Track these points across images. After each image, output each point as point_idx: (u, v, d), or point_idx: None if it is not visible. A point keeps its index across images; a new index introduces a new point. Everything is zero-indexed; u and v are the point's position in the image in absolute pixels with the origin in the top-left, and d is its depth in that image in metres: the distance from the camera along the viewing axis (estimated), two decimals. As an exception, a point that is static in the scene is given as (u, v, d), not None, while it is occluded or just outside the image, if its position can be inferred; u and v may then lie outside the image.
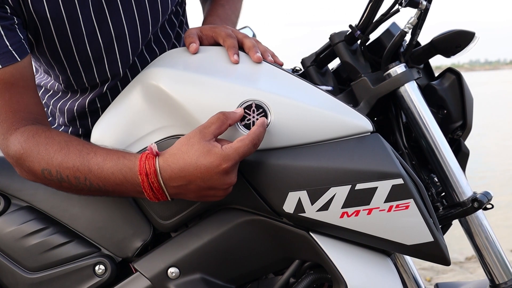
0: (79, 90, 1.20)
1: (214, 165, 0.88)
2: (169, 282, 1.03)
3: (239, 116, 0.93)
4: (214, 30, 1.10)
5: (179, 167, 0.89)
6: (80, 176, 0.96)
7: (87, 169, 0.95)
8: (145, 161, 0.91)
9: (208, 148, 0.89)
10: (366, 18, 1.07)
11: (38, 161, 0.98)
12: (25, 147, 0.99)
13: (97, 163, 0.95)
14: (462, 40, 1.06)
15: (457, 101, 1.12)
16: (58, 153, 0.97)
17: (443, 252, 0.95)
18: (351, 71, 1.09)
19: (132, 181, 0.92)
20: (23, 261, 1.11)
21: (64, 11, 1.05)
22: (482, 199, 1.04)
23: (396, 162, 0.93)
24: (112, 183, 0.94)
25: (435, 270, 3.29)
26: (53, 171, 0.97)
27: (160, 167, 0.90)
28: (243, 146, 0.89)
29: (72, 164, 0.96)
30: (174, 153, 0.90)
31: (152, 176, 0.90)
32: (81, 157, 0.96)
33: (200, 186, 0.90)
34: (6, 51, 0.99)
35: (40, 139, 0.99)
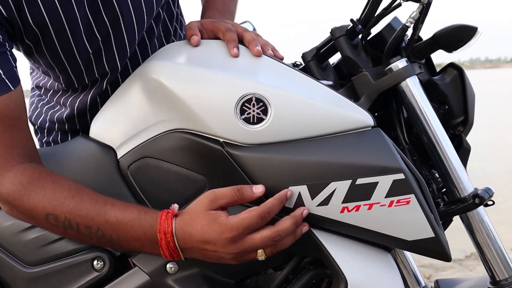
0: (79, 88, 1.19)
1: (218, 234, 0.90)
2: (168, 277, 1.02)
3: (256, 196, 0.92)
4: (214, 24, 1.10)
5: (189, 232, 0.92)
6: (93, 226, 0.96)
7: (103, 220, 0.95)
8: (165, 220, 0.93)
9: (214, 217, 0.91)
10: (368, 12, 1.06)
11: (43, 205, 0.96)
12: (27, 188, 0.97)
13: (115, 215, 0.95)
14: (464, 35, 1.05)
15: (458, 96, 1.11)
16: (70, 200, 0.96)
17: (444, 248, 0.95)
18: (352, 66, 1.09)
19: (151, 238, 0.93)
20: (21, 256, 1.10)
21: (63, 13, 1.04)
22: (483, 195, 1.03)
23: (397, 156, 0.92)
24: (128, 237, 0.95)
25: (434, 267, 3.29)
26: (60, 217, 0.96)
27: (175, 228, 0.92)
28: (249, 217, 0.90)
29: (86, 213, 0.95)
30: (186, 217, 0.93)
31: (169, 236, 0.92)
32: (97, 207, 0.96)
33: (208, 251, 0.92)
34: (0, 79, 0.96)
35: (46, 183, 0.98)
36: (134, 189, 1.04)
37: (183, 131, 0.99)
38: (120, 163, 1.06)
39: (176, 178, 1.01)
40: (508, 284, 1.04)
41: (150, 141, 1.03)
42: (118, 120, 1.09)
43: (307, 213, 0.92)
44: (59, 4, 1.03)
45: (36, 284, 1.09)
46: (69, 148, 1.15)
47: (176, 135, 1.00)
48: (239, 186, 0.93)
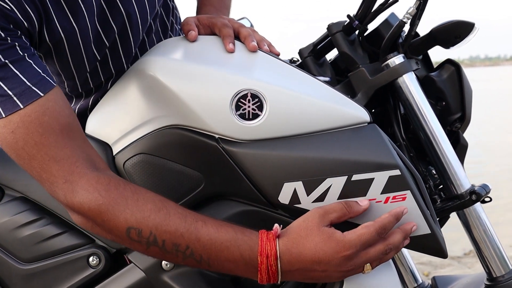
0: (83, 93, 1.18)
1: (334, 252, 0.86)
2: (163, 273, 1.02)
3: (363, 209, 0.89)
4: (210, 20, 1.09)
5: (298, 252, 0.87)
6: (182, 244, 0.88)
7: (194, 238, 0.87)
8: (267, 242, 0.87)
9: (329, 234, 0.87)
10: (364, 8, 1.06)
11: (124, 218, 0.87)
12: (106, 197, 0.88)
13: (209, 233, 0.88)
14: (461, 30, 1.04)
15: (456, 93, 1.11)
16: (156, 213, 0.88)
17: (440, 244, 0.94)
18: (349, 62, 1.08)
19: (249, 261, 0.87)
20: (17, 252, 1.10)
21: (76, 26, 1.01)
22: (480, 192, 1.03)
23: (393, 153, 0.92)
24: (221, 258, 0.88)
25: (433, 265, 3.29)
26: (144, 232, 0.87)
27: (280, 250, 0.87)
28: (367, 233, 0.87)
29: (175, 229, 0.87)
30: (294, 237, 0.88)
31: (272, 259, 0.86)
32: (187, 223, 0.88)
33: (317, 271, 0.88)
34: (41, 78, 0.89)
35: (126, 193, 0.89)
36: (130, 185, 1.04)
37: (178, 127, 0.99)
38: (116, 159, 1.06)
39: (171, 174, 1.01)
40: (505, 280, 1.04)
41: (145, 137, 1.02)
42: (114, 116, 1.08)
43: (416, 229, 0.91)
44: (73, 18, 0.99)
45: (31, 280, 1.09)
46: (65, 144, 1.15)
47: (172, 131, 1.00)
48: (346, 201, 0.90)
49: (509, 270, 1.05)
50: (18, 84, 0.87)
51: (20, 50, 0.88)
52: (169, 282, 1.02)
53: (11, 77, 0.87)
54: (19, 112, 0.87)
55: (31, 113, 0.87)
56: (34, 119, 0.88)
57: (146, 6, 1.12)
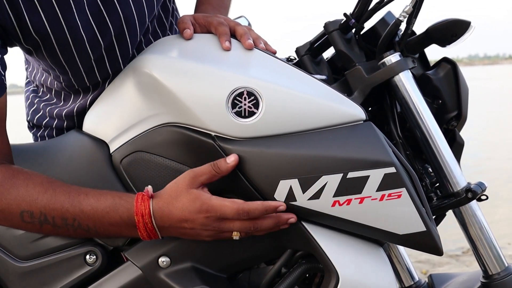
0: (80, 90, 1.18)
1: (197, 211, 0.93)
2: (160, 271, 1.02)
3: (231, 167, 0.93)
4: (206, 18, 1.10)
5: (168, 211, 0.94)
6: (69, 217, 0.96)
7: (78, 210, 0.96)
8: (141, 202, 0.95)
9: (196, 195, 0.93)
10: (361, 6, 1.06)
11: (17, 203, 0.96)
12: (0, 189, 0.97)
13: (90, 203, 0.96)
14: (458, 29, 1.05)
15: (452, 91, 1.11)
16: (43, 194, 0.96)
17: (435, 241, 0.95)
18: (346, 60, 1.08)
19: (128, 221, 0.95)
20: (14, 250, 1.10)
21: (64, 22, 1.03)
22: (476, 190, 1.03)
23: (389, 150, 0.92)
24: (105, 223, 0.96)
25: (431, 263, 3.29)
26: (35, 213, 0.96)
27: (153, 209, 0.94)
28: (228, 207, 0.93)
29: (61, 205, 0.96)
30: (165, 197, 0.95)
31: (147, 217, 0.94)
32: (71, 198, 0.96)
33: (186, 228, 0.95)
34: None
35: (17, 181, 0.97)
36: (127, 183, 1.04)
37: (175, 125, 0.99)
38: (112, 157, 1.06)
39: (168, 172, 1.01)
40: (501, 278, 1.05)
41: (142, 135, 1.03)
42: (110, 114, 1.09)
43: (293, 221, 0.94)
44: (60, 12, 1.02)
45: (29, 278, 1.09)
46: (62, 142, 1.15)
47: (168, 129, 1.00)
48: (214, 161, 0.94)
49: (505, 267, 1.05)
50: None
51: None
52: (165, 280, 1.02)
53: None
54: None
55: None
56: None
57: (144, 8, 1.12)
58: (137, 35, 1.14)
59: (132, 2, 1.10)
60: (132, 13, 1.10)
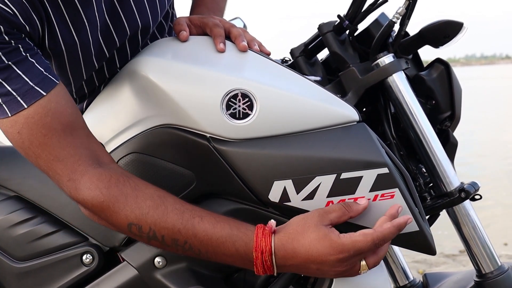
0: (77, 99, 1.19)
1: (327, 253, 0.87)
2: (156, 271, 1.03)
3: (362, 208, 0.90)
4: (201, 20, 1.10)
5: (292, 248, 0.88)
6: (180, 239, 0.91)
7: (191, 234, 0.90)
8: (262, 238, 0.89)
9: (325, 233, 0.88)
10: (355, 8, 1.07)
11: (125, 214, 0.91)
12: (107, 195, 0.91)
13: (205, 229, 0.90)
14: (450, 30, 1.06)
15: (445, 91, 1.12)
16: (154, 210, 0.91)
17: (428, 241, 0.95)
18: (340, 61, 1.09)
19: (245, 256, 0.90)
20: (11, 251, 1.11)
21: (77, 39, 1.01)
22: (469, 189, 1.04)
23: (382, 151, 0.93)
24: (219, 252, 0.91)
25: (428, 263, 3.30)
26: (144, 228, 0.91)
27: (275, 246, 0.89)
28: (363, 242, 0.87)
29: (172, 225, 0.90)
30: (290, 232, 0.89)
31: (267, 255, 0.88)
32: (184, 220, 0.91)
33: (311, 268, 0.89)
34: (44, 77, 0.91)
35: (126, 189, 0.92)
36: (123, 184, 1.05)
37: (170, 127, 1.00)
38: (109, 158, 1.06)
39: (164, 173, 1.02)
40: (494, 276, 1.06)
41: (138, 137, 1.04)
42: (106, 116, 1.09)
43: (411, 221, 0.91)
44: (75, 31, 1.00)
45: (25, 279, 1.10)
46: (58, 144, 1.15)
47: (164, 131, 1.01)
48: (346, 202, 0.91)
49: (498, 266, 1.06)
50: (21, 84, 0.89)
51: (23, 51, 0.91)
52: (161, 280, 1.02)
53: (15, 78, 0.89)
54: (23, 113, 0.90)
55: (34, 115, 0.90)
56: (37, 120, 0.90)
57: (149, 19, 1.12)
58: (139, 46, 1.14)
59: (138, 14, 1.09)
60: (137, 25, 1.10)
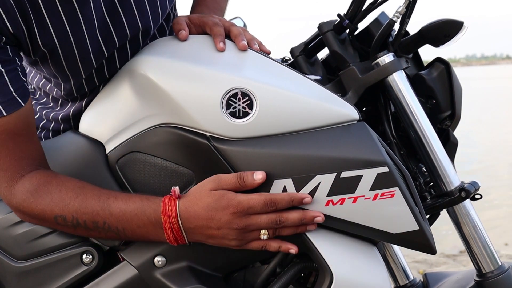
0: (78, 96, 1.19)
1: (223, 207, 0.93)
2: (156, 270, 1.03)
3: (257, 184, 0.93)
4: (201, 19, 1.10)
5: (193, 211, 0.95)
6: (99, 220, 0.99)
7: (107, 213, 0.98)
8: (168, 203, 0.96)
9: (221, 194, 0.94)
10: (355, 7, 1.07)
11: (50, 209, 1.00)
12: (35, 195, 1.01)
13: (119, 206, 0.98)
14: (450, 29, 1.05)
15: (445, 91, 1.12)
16: (74, 199, 1.00)
17: (428, 240, 0.95)
18: (340, 61, 1.09)
19: (155, 222, 0.96)
20: (11, 250, 1.10)
21: (72, 36, 1.03)
22: (470, 189, 1.04)
23: (382, 150, 0.93)
24: (133, 225, 0.98)
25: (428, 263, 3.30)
26: (68, 218, 1.00)
27: (180, 209, 0.95)
28: (256, 199, 0.93)
29: (91, 209, 0.99)
30: (190, 198, 0.96)
31: (173, 217, 0.95)
32: (101, 202, 0.99)
33: (212, 228, 0.95)
34: (11, 98, 0.98)
35: (51, 187, 1.01)
36: (122, 183, 1.05)
37: (170, 126, 1.00)
38: (108, 157, 1.07)
39: (163, 172, 1.02)
40: (494, 276, 1.05)
41: (138, 136, 1.03)
42: (106, 115, 1.09)
43: (320, 220, 0.94)
44: (69, 27, 1.02)
45: (25, 278, 1.10)
46: (58, 143, 1.16)
47: (164, 130, 1.01)
48: (241, 173, 0.94)
49: (498, 266, 1.06)
50: None
51: (0, 63, 0.95)
52: (161, 279, 1.02)
53: None
54: None
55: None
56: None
57: (150, 20, 1.12)
58: (139, 45, 1.14)
59: (138, 15, 1.09)
60: (137, 25, 1.10)
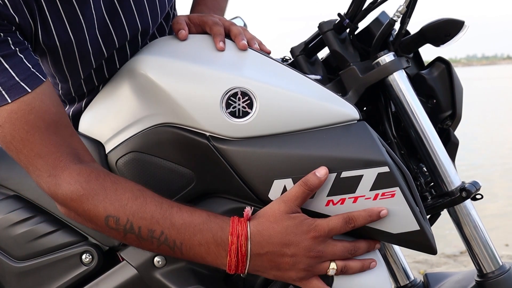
0: (76, 98, 1.18)
1: (304, 232, 0.90)
2: (155, 270, 1.02)
3: (323, 180, 0.90)
4: (201, 18, 1.10)
5: (268, 234, 0.90)
6: (156, 230, 0.91)
7: (168, 223, 0.91)
8: (238, 223, 0.90)
9: (300, 219, 0.91)
10: (355, 6, 1.06)
11: (104, 207, 0.91)
12: (87, 188, 0.91)
13: (183, 217, 0.91)
14: (451, 28, 1.05)
15: (446, 90, 1.12)
16: (133, 201, 0.91)
17: (429, 240, 0.95)
18: (340, 60, 1.09)
19: (220, 242, 0.90)
20: (10, 250, 1.10)
21: (73, 36, 1.01)
22: (470, 189, 1.04)
23: (382, 150, 0.92)
24: (195, 241, 0.91)
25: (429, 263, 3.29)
26: (122, 220, 0.91)
27: (251, 231, 0.90)
28: (335, 219, 0.91)
29: (151, 215, 0.91)
30: (263, 221, 0.91)
31: (242, 239, 0.89)
32: (163, 209, 0.91)
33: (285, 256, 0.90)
34: (30, 73, 0.91)
35: (106, 183, 0.92)
36: (122, 183, 1.05)
37: (170, 125, 1.00)
38: (108, 157, 1.06)
39: (163, 172, 1.01)
40: (495, 276, 1.05)
41: (137, 136, 1.03)
42: (106, 114, 1.09)
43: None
44: (70, 27, 1.00)
45: (25, 278, 1.10)
46: (58, 143, 1.15)
47: (163, 129, 1.00)
48: (302, 179, 0.90)
49: (499, 266, 1.06)
50: (7, 78, 0.89)
51: (12, 44, 0.91)
52: (161, 279, 1.02)
53: (1, 71, 0.89)
54: (6, 107, 0.90)
55: (17, 110, 0.90)
56: (21, 116, 0.90)
57: (149, 20, 1.12)
58: (139, 45, 1.14)
59: (138, 15, 1.09)
60: (137, 26, 1.09)
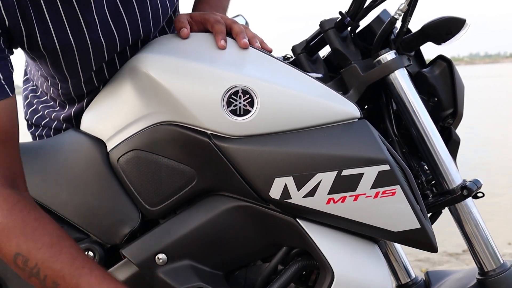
0: (75, 98, 1.18)
1: None
2: (157, 268, 1.03)
3: None
4: (203, 16, 1.10)
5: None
6: (61, 284, 0.87)
7: (74, 283, 0.87)
8: None
9: None
10: (356, 4, 1.06)
11: (17, 243, 0.87)
12: (7, 217, 0.87)
13: (90, 282, 0.88)
14: (453, 27, 1.05)
15: (448, 88, 1.12)
16: (48, 248, 0.87)
17: (430, 239, 0.95)
18: (341, 58, 1.09)
19: None
20: (12, 248, 1.11)
21: (73, 40, 1.01)
22: (472, 187, 1.04)
23: (383, 148, 0.92)
24: None
25: (431, 262, 3.29)
26: (31, 262, 0.87)
27: None
28: None
29: (60, 268, 0.87)
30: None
31: None
32: (73, 267, 0.88)
33: None
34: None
35: (28, 218, 0.88)
36: (124, 181, 1.05)
37: (171, 124, 1.00)
38: (110, 155, 1.07)
39: (164, 170, 1.02)
40: (496, 274, 1.05)
41: (139, 134, 1.03)
42: (108, 113, 1.09)
43: None
44: (71, 31, 1.00)
45: (27, 276, 1.10)
46: (59, 141, 1.16)
47: (165, 128, 1.01)
48: None
49: (500, 264, 1.06)
50: None
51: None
52: (162, 277, 1.02)
53: None
54: None
55: None
56: None
57: (151, 26, 1.11)
58: (139, 48, 1.14)
59: (141, 21, 1.09)
60: (139, 32, 1.09)
